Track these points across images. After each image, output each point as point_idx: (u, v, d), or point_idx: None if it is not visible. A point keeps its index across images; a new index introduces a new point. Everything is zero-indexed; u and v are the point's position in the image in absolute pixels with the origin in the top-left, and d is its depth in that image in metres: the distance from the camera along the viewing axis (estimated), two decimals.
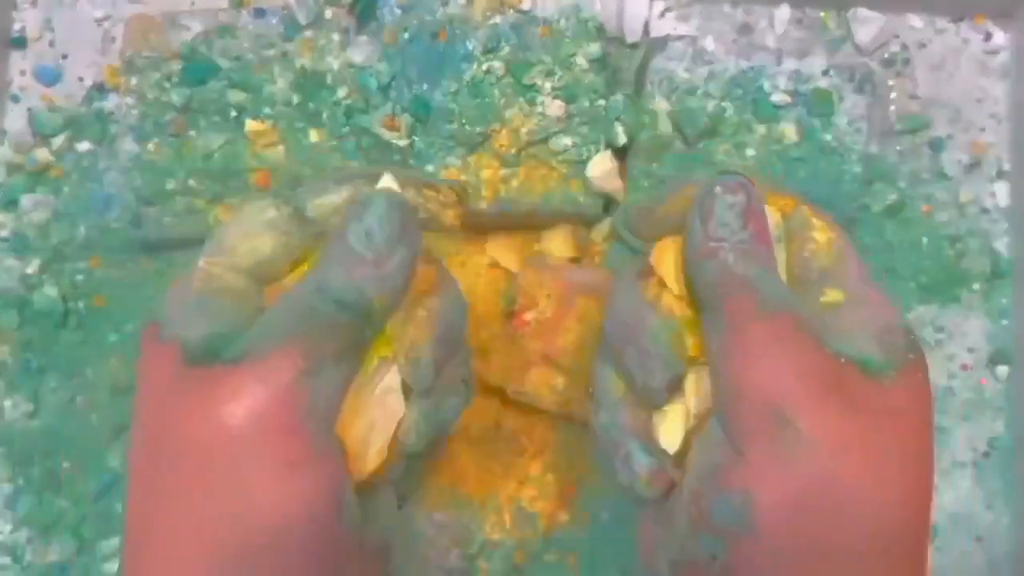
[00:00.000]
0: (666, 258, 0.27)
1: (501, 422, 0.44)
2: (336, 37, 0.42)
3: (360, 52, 0.42)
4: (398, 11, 0.42)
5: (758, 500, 0.23)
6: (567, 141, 0.42)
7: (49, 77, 0.47)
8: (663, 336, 0.26)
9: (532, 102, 0.42)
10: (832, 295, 0.26)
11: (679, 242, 0.27)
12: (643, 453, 0.27)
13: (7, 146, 0.47)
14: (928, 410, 0.25)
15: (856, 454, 0.23)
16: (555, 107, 0.41)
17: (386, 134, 0.42)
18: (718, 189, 0.25)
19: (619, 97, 0.42)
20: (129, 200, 0.43)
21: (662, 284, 0.27)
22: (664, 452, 0.27)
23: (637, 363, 0.27)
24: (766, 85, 0.42)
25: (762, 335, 0.24)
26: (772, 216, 0.28)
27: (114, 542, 0.45)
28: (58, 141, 0.46)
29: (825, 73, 0.42)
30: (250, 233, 0.27)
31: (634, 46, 0.46)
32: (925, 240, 0.47)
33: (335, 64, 0.42)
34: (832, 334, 0.25)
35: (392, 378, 0.27)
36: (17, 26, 0.47)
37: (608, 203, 0.43)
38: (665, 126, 0.42)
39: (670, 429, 0.27)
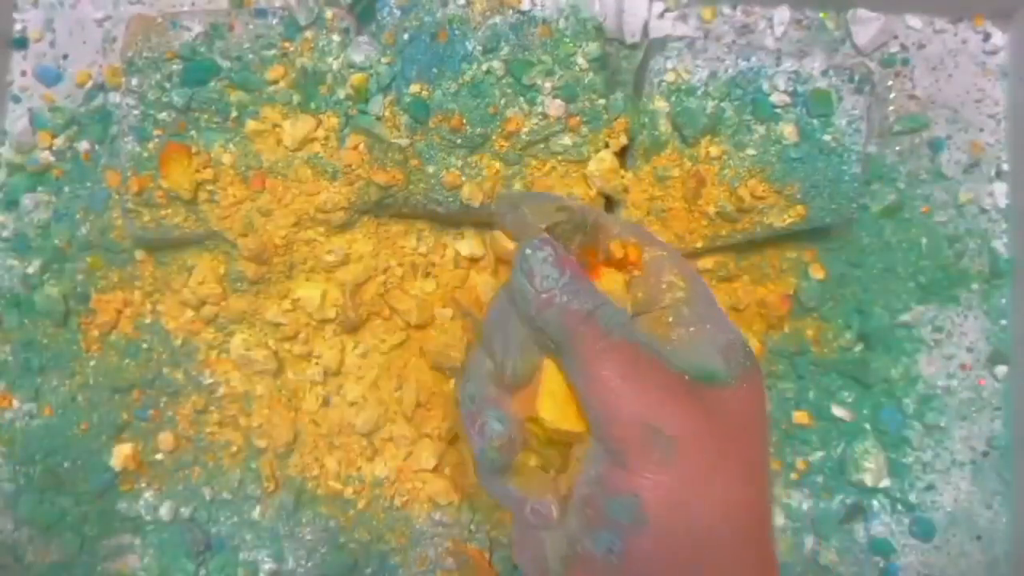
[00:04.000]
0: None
1: None
2: (336, 37, 0.42)
3: (360, 52, 0.42)
4: (398, 11, 0.42)
5: (645, 498, 0.27)
6: (567, 141, 0.42)
7: (50, 77, 0.47)
8: (526, 337, 0.30)
9: (532, 102, 0.42)
10: (678, 317, 0.31)
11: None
12: (497, 422, 0.30)
13: (8, 146, 0.47)
14: (764, 406, 0.30)
15: (713, 447, 0.28)
16: (555, 107, 0.42)
17: (386, 134, 0.42)
18: (527, 251, 0.29)
19: (619, 97, 0.42)
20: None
21: None
22: (514, 424, 0.30)
23: (500, 348, 0.31)
24: (765, 85, 0.42)
25: (615, 361, 0.28)
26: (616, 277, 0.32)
27: (115, 541, 0.45)
28: (59, 141, 0.46)
29: (824, 73, 0.42)
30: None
31: (634, 46, 0.46)
32: (924, 240, 0.47)
33: (335, 64, 0.42)
34: (680, 353, 0.29)
35: None
36: (18, 27, 0.48)
37: (608, 202, 0.43)
38: (665, 126, 0.43)
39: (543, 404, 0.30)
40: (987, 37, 0.48)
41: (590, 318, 0.28)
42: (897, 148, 0.48)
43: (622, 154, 0.43)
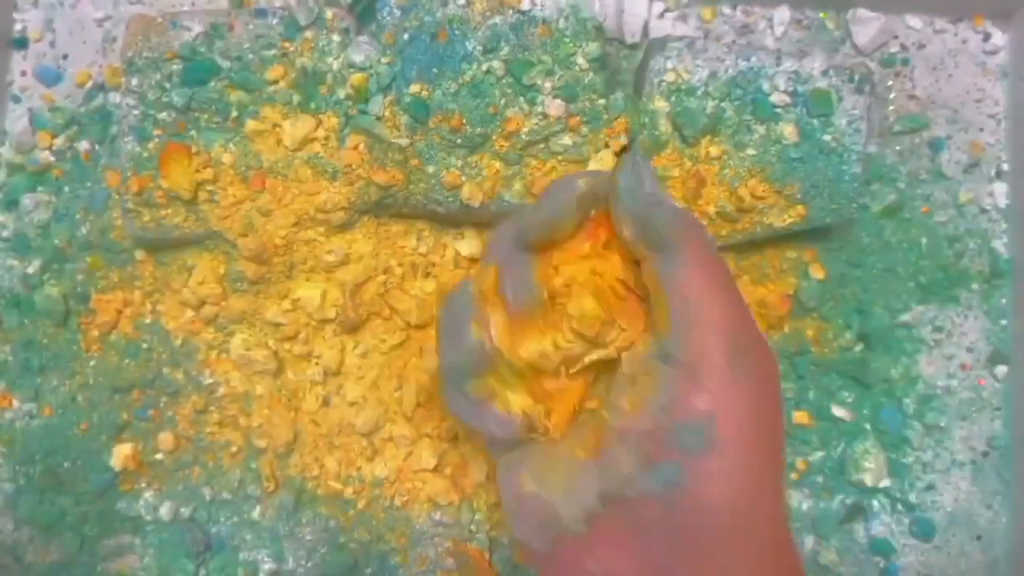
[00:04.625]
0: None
1: None
2: (336, 37, 0.42)
3: (360, 52, 0.42)
4: (398, 12, 0.42)
5: (720, 420, 0.26)
6: (567, 141, 0.42)
7: (50, 77, 0.47)
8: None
9: (532, 102, 0.42)
10: None
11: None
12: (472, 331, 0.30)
13: (8, 146, 0.47)
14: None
15: (769, 374, 0.28)
16: (555, 107, 0.42)
17: (386, 134, 0.42)
18: (637, 158, 0.30)
19: (619, 97, 0.42)
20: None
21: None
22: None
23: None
24: (766, 85, 0.42)
25: (716, 271, 0.28)
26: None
27: (115, 541, 0.45)
28: (59, 141, 0.46)
29: (824, 73, 0.42)
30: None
31: (634, 46, 0.46)
32: (924, 240, 0.47)
33: (335, 64, 0.42)
34: None
35: None
36: (18, 27, 0.48)
37: None
38: (665, 126, 0.43)
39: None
40: (987, 37, 0.48)
41: (698, 225, 0.29)
42: (897, 148, 0.48)
43: (622, 154, 0.43)
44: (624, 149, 0.43)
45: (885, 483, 0.46)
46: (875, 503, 0.46)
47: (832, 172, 0.42)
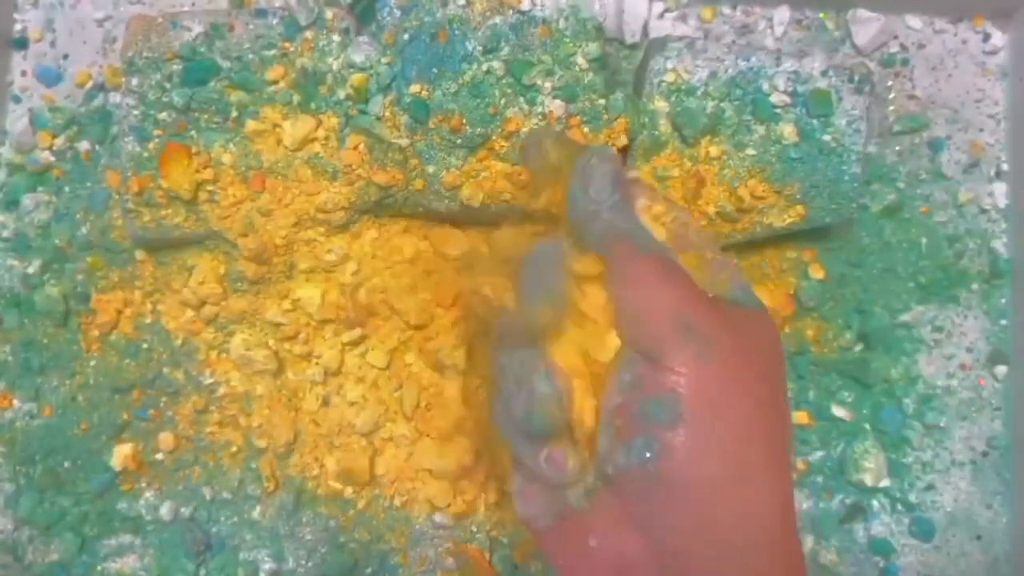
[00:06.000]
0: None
1: None
2: (336, 37, 0.42)
3: (360, 52, 0.42)
4: (398, 11, 0.42)
5: (684, 393, 0.27)
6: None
7: (50, 77, 0.47)
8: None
9: (532, 102, 0.42)
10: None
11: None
12: (544, 382, 0.29)
13: (8, 146, 0.47)
14: (779, 339, 0.31)
15: (739, 357, 0.28)
16: (555, 107, 0.42)
17: (386, 134, 0.42)
18: (593, 160, 0.31)
19: (619, 97, 0.42)
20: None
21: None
22: (562, 378, 0.30)
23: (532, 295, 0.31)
24: (765, 85, 0.42)
25: (650, 267, 0.29)
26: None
27: (115, 541, 0.45)
28: (59, 141, 0.46)
29: (824, 74, 0.42)
30: None
31: (634, 46, 0.46)
32: (924, 240, 0.47)
33: (335, 64, 0.42)
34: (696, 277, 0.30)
35: None
36: (18, 27, 0.48)
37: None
38: (665, 126, 0.43)
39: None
40: (987, 37, 0.48)
41: (628, 237, 0.30)
42: (897, 148, 0.48)
43: (622, 154, 0.43)
44: (624, 149, 0.43)
45: (885, 483, 0.46)
46: (875, 503, 0.46)
47: (832, 172, 0.42)
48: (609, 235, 0.30)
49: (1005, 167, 0.48)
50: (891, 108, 0.48)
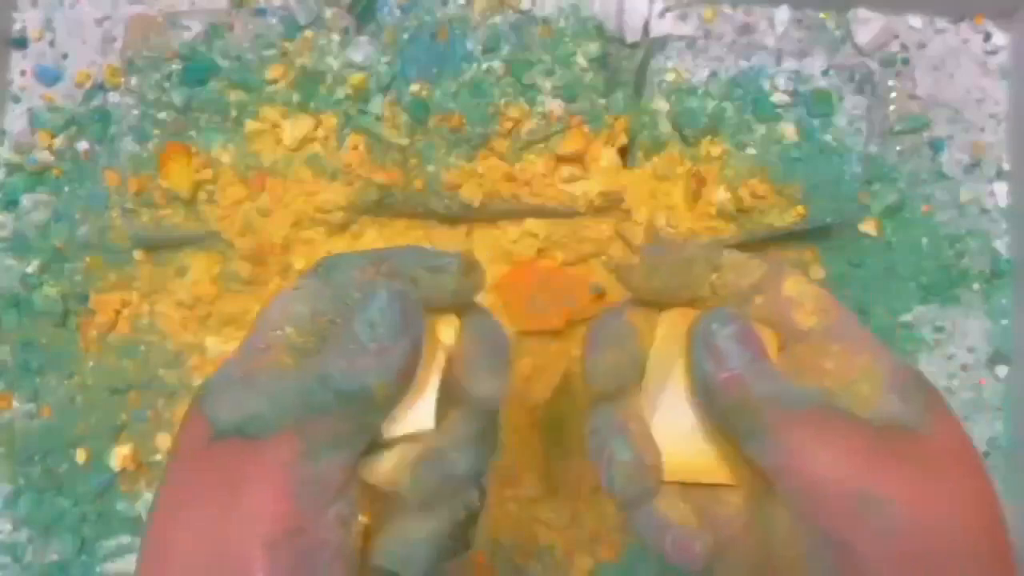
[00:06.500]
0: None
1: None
2: (336, 37, 0.42)
3: (360, 52, 0.42)
4: (398, 11, 0.42)
5: None
6: (567, 141, 0.42)
7: (49, 77, 0.47)
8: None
9: (532, 102, 0.42)
10: (831, 362, 0.27)
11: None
12: (625, 449, 0.28)
13: (7, 146, 0.47)
14: (966, 437, 0.27)
15: (941, 505, 0.25)
16: (555, 107, 0.41)
17: (386, 134, 0.42)
18: (713, 326, 0.27)
19: (619, 97, 0.42)
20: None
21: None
22: (646, 448, 0.28)
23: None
24: (766, 85, 0.42)
25: (806, 433, 0.25)
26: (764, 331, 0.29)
27: (114, 542, 0.45)
28: (58, 141, 0.46)
29: (825, 73, 0.42)
30: (287, 304, 0.28)
31: (634, 46, 0.46)
32: (925, 240, 0.47)
33: (335, 64, 0.42)
34: (852, 404, 0.26)
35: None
36: (17, 26, 0.47)
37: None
38: (665, 126, 0.42)
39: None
40: (988, 37, 0.48)
41: (772, 398, 0.26)
42: (898, 148, 0.47)
43: (622, 154, 0.43)
44: (624, 149, 0.43)
45: None
46: None
47: (833, 172, 0.42)
48: (752, 408, 0.26)
49: (1006, 167, 0.47)
50: (892, 108, 0.48)
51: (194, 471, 0.26)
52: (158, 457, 0.45)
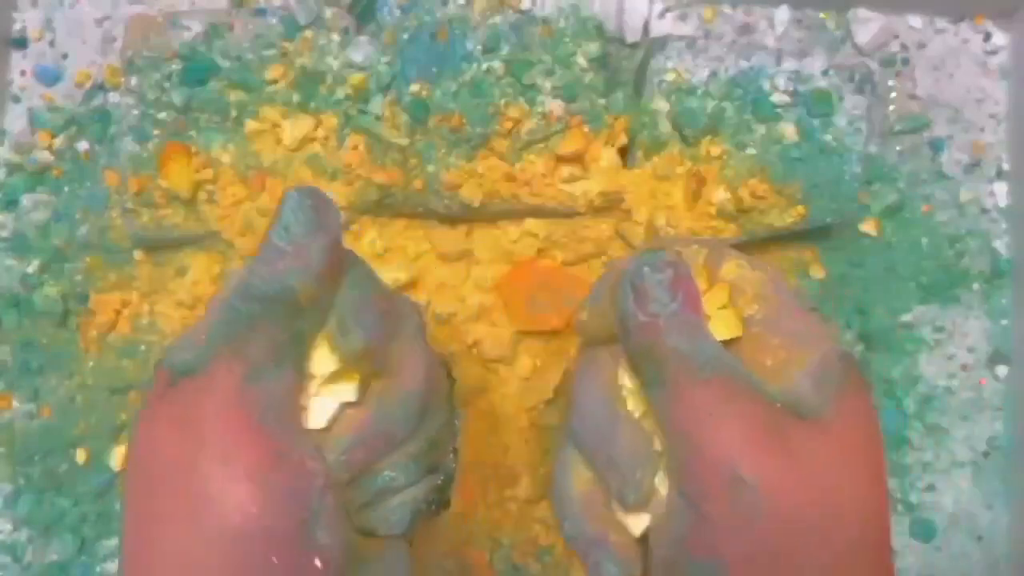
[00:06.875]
0: None
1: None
2: (336, 37, 0.42)
3: (360, 52, 0.42)
4: (398, 11, 0.42)
5: (730, 561, 0.24)
6: (567, 141, 0.42)
7: (49, 77, 0.47)
8: (637, 452, 0.27)
9: (532, 102, 0.42)
10: (763, 339, 0.27)
11: None
12: (610, 563, 0.27)
13: (7, 146, 0.47)
14: (871, 429, 0.26)
15: (809, 497, 0.24)
16: (555, 107, 0.41)
17: (386, 134, 0.42)
18: (646, 269, 0.26)
19: (619, 97, 0.42)
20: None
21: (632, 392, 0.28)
22: (631, 561, 0.28)
23: (607, 468, 0.28)
24: (766, 85, 0.42)
25: (705, 400, 0.25)
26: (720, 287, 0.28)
27: (114, 542, 0.45)
28: (58, 141, 0.46)
29: (825, 73, 0.42)
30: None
31: (634, 46, 0.46)
32: (925, 240, 0.47)
33: (335, 64, 0.42)
34: (769, 375, 0.26)
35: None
36: (17, 26, 0.47)
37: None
38: (665, 126, 0.42)
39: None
40: (988, 37, 0.48)
41: (684, 355, 0.25)
42: (898, 148, 0.48)
43: (622, 153, 0.43)
44: (624, 149, 0.43)
45: None
46: None
47: (832, 172, 0.42)
48: (661, 358, 0.25)
49: (1006, 167, 0.47)
50: (892, 108, 0.48)
51: (156, 419, 0.25)
52: None
